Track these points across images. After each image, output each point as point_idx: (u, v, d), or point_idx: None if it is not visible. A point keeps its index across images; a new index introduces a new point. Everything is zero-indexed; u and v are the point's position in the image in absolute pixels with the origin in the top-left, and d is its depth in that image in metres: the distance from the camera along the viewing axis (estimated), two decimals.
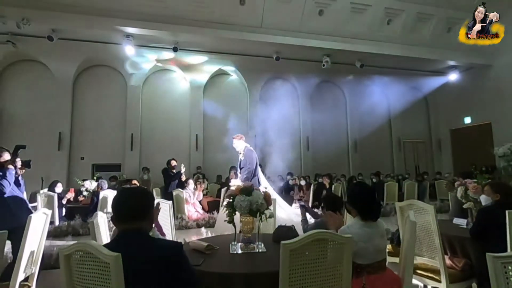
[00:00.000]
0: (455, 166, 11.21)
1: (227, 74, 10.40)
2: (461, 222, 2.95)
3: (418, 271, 2.51)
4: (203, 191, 6.20)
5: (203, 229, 3.98)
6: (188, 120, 9.82)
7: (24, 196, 3.11)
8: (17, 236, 2.12)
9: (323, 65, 8.89)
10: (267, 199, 2.21)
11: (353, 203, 1.91)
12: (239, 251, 2.16)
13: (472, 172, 3.03)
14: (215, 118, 9.68)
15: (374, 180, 8.11)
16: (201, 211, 5.80)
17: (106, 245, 1.14)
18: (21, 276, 2.09)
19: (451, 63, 9.91)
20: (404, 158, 11.82)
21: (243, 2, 7.46)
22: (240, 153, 4.48)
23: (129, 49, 7.77)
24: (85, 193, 5.67)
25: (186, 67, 9.55)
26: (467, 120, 10.95)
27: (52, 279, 2.87)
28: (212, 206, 5.92)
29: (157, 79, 9.88)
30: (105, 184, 5.64)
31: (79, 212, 5.35)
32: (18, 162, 2.89)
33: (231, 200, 2.20)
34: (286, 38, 7.95)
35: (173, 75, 10.00)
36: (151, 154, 9.32)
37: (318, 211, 5.67)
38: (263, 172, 8.66)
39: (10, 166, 2.76)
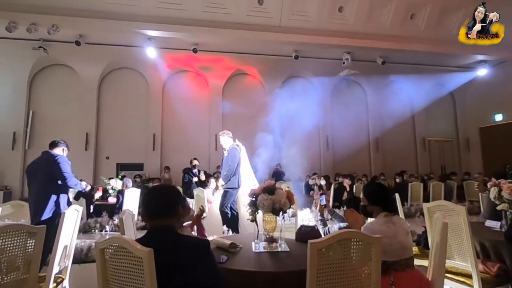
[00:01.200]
0: (485, 166, 10.65)
1: (246, 74, 10.44)
2: (494, 224, 2.80)
3: (448, 275, 2.40)
4: None
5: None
6: (208, 120, 9.95)
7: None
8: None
9: (343, 63, 8.73)
10: (290, 198, 2.20)
11: (375, 200, 1.93)
12: (262, 250, 2.16)
13: (507, 172, 2.86)
14: (234, 118, 9.75)
15: (397, 180, 7.86)
16: None
17: (137, 241, 1.18)
18: (55, 269, 2.20)
19: (481, 57, 9.42)
20: (430, 158, 11.36)
21: (261, 1, 7.47)
22: (225, 150, 4.41)
23: (150, 52, 8.00)
24: (111, 191, 5.89)
25: (205, 68, 9.68)
26: (498, 117, 10.36)
27: (82, 272, 3.01)
28: None
29: (177, 81, 10.08)
30: (129, 182, 5.83)
31: (106, 209, 5.57)
32: None
33: (253, 199, 2.21)
34: (305, 37, 7.88)
35: (192, 76, 10.17)
36: (172, 153, 9.54)
37: (339, 212, 5.59)
38: (278, 173, 8.67)
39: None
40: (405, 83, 10.81)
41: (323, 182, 6.74)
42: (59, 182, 3.05)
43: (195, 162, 7.30)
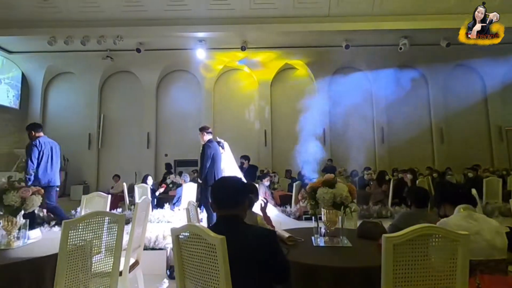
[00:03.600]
0: None
1: (294, 68, 10.30)
2: None
3: None
4: (274, 185, 6.28)
5: (280, 221, 4.07)
6: (257, 116, 10.07)
7: None
8: None
9: (400, 49, 8.05)
10: (352, 193, 2.11)
11: (450, 197, 1.83)
12: (323, 244, 2.12)
13: None
14: (283, 112, 9.72)
15: (470, 175, 7.00)
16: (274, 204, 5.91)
17: (210, 227, 1.25)
18: (132, 256, 2.44)
19: None
20: (508, 150, 9.90)
21: None
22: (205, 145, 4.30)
23: (200, 53, 8.37)
24: (171, 185, 6.36)
25: (253, 65, 9.80)
26: None
27: (152, 259, 3.31)
28: (284, 200, 5.99)
29: (226, 79, 10.39)
30: (187, 177, 6.22)
31: (168, 202, 6.03)
32: None
33: (313, 192, 2.17)
34: (356, 24, 7.46)
35: (241, 73, 10.38)
36: None
37: (401, 209, 5.20)
38: (329, 168, 8.36)
39: None
40: (475, 66, 9.58)
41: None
42: None
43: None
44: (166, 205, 5.60)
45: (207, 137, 4.36)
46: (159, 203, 6.24)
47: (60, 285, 1.67)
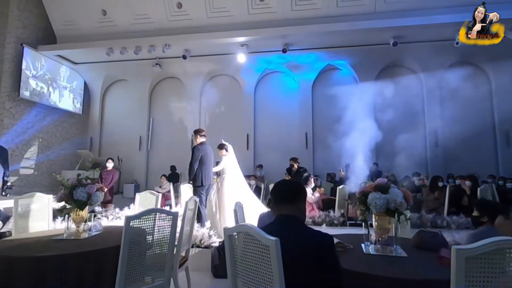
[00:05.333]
0: None
1: (336, 69, 10.01)
2: None
3: None
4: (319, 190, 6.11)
5: (324, 226, 3.95)
6: (298, 118, 9.96)
7: None
8: None
9: (457, 43, 7.36)
10: (408, 199, 1.97)
11: None
12: (374, 253, 2.01)
13: None
14: (324, 115, 9.47)
15: None
16: (316, 209, 5.77)
17: (263, 228, 1.26)
18: (182, 252, 2.56)
19: None
20: None
21: None
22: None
23: (241, 57, 8.53)
24: None
25: (294, 67, 9.72)
26: None
27: (199, 256, 3.43)
28: (327, 204, 5.82)
29: (267, 82, 10.45)
30: None
31: None
32: None
33: (363, 197, 2.07)
34: (406, 19, 7.00)
35: (282, 76, 10.36)
36: (264, 152, 9.94)
37: (459, 219, 4.73)
38: (376, 173, 7.92)
39: None
40: None
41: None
42: None
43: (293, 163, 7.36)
44: None
45: (200, 139, 4.65)
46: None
47: (122, 273, 1.81)
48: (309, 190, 5.52)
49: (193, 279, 2.81)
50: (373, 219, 2.06)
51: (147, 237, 2.03)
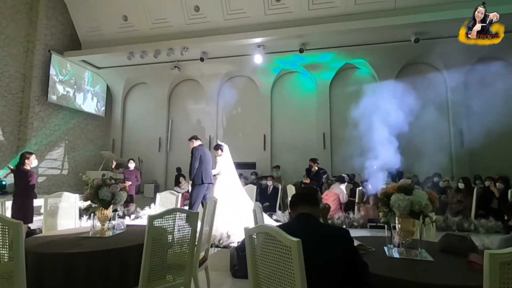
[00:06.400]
0: None
1: (354, 68, 9.81)
2: None
3: None
4: None
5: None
6: (315, 119, 9.85)
7: None
8: None
9: None
10: (433, 201, 1.90)
11: None
12: (397, 256, 1.95)
13: None
14: (343, 115, 9.29)
15: None
16: (340, 210, 5.68)
17: (284, 225, 1.29)
18: (201, 252, 2.59)
19: None
20: None
21: None
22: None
23: (258, 58, 8.54)
24: None
25: (311, 67, 9.62)
26: None
27: (218, 256, 3.46)
28: (346, 206, 5.70)
29: (284, 82, 10.40)
30: (247, 180, 6.39)
31: None
32: None
33: (386, 199, 2.01)
34: (429, 15, 6.75)
35: (299, 76, 10.28)
36: (281, 153, 9.90)
37: (488, 222, 4.49)
38: (396, 175, 7.66)
39: None
40: None
41: (461, 186, 5.53)
42: None
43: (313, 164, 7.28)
44: None
45: (196, 143, 5.03)
46: None
47: (145, 271, 1.85)
48: (343, 187, 5.52)
49: (213, 278, 2.83)
50: (396, 221, 2.00)
51: (168, 236, 2.07)
